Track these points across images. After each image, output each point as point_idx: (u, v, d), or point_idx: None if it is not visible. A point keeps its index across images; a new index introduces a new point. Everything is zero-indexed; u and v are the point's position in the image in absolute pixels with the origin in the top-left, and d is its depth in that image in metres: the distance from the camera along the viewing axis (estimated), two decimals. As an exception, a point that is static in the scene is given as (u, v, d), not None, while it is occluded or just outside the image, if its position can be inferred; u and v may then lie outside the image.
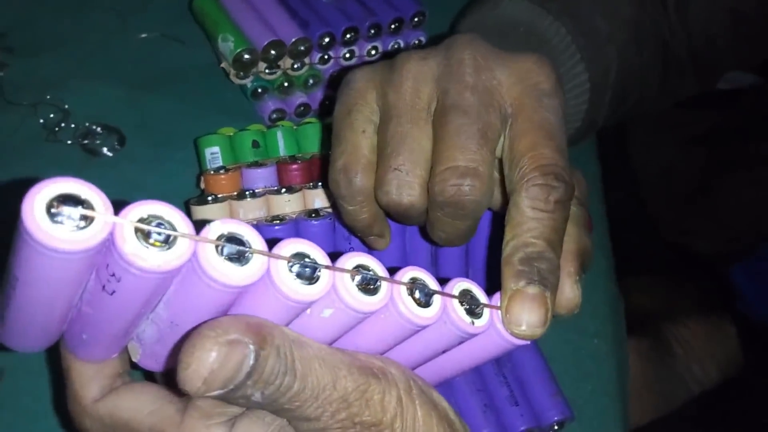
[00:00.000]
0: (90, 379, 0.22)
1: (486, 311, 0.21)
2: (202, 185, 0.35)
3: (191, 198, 0.34)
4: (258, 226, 0.32)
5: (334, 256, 0.19)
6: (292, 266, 0.18)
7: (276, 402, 0.19)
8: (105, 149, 0.42)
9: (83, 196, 0.16)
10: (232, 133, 0.39)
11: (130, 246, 0.16)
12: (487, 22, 0.38)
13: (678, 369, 0.60)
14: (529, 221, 0.24)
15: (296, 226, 0.32)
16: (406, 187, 0.26)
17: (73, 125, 0.43)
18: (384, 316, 0.20)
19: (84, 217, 0.16)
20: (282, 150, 0.38)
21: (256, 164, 0.36)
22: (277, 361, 0.18)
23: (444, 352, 0.22)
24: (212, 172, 0.34)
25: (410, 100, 0.27)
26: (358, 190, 0.27)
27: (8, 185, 0.39)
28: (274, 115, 0.45)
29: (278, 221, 0.32)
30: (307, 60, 0.45)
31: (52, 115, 0.43)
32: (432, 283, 0.21)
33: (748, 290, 0.65)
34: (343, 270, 0.19)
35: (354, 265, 0.19)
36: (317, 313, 0.19)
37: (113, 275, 0.17)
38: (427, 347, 0.22)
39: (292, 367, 0.19)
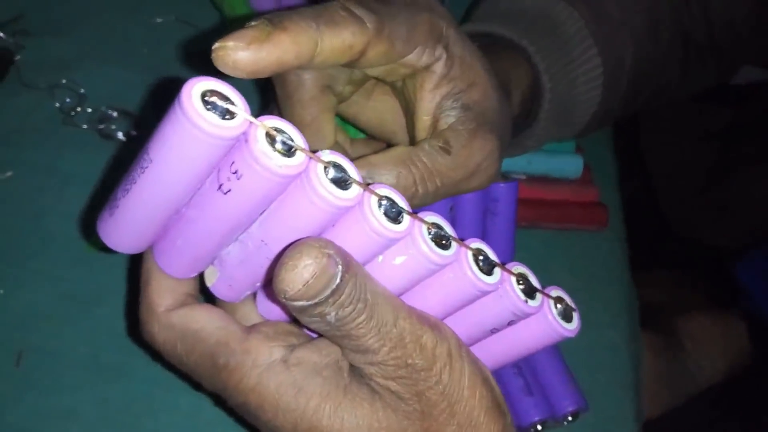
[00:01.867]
0: (167, 290, 0.24)
1: (538, 296, 0.23)
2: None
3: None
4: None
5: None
6: (381, 205, 0.20)
7: (344, 327, 0.20)
8: (120, 134, 0.42)
9: (231, 96, 0.19)
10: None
11: (261, 145, 0.18)
12: (500, 7, 0.38)
13: (688, 364, 0.60)
14: None
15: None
16: None
17: (89, 109, 0.43)
18: (449, 275, 0.21)
19: (228, 112, 0.18)
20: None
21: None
22: (354, 286, 0.20)
23: (493, 331, 0.24)
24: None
25: None
26: None
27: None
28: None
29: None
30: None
31: (68, 99, 0.43)
32: (494, 257, 0.22)
33: (754, 288, 0.64)
34: (423, 221, 0.21)
35: (432, 221, 0.21)
36: (389, 260, 0.21)
37: (235, 173, 0.19)
38: (479, 321, 0.23)
39: (365, 296, 0.20)
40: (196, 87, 0.19)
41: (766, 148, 0.63)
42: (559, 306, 0.24)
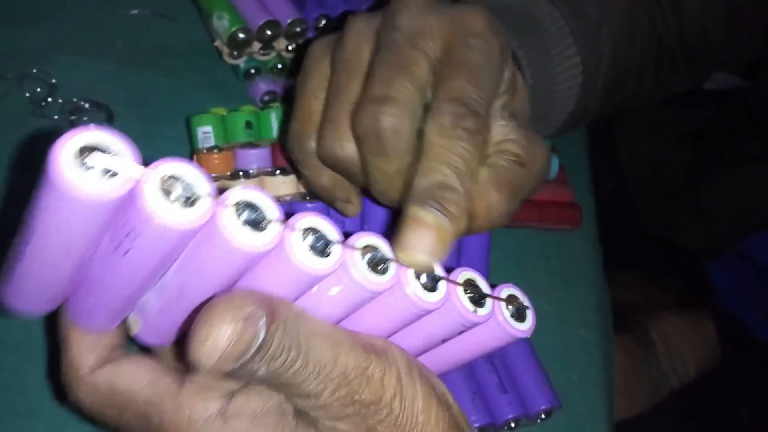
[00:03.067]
0: (88, 349, 0.22)
1: (489, 302, 0.21)
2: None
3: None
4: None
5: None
6: (305, 239, 0.18)
7: (279, 377, 0.19)
8: (93, 126, 0.41)
9: (113, 147, 0.16)
10: (224, 113, 0.39)
11: (153, 201, 0.16)
12: (484, 2, 0.39)
13: (660, 364, 0.61)
14: (435, 148, 0.23)
15: (291, 208, 0.32)
16: (338, 137, 0.25)
17: (60, 100, 0.42)
18: (390, 298, 0.20)
19: (111, 168, 0.16)
20: (275, 132, 0.38)
21: (250, 145, 0.35)
22: (283, 335, 0.18)
23: (444, 341, 0.22)
24: (205, 152, 0.34)
25: (351, 56, 0.27)
26: (310, 153, 0.27)
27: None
28: (266, 97, 0.45)
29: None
30: (301, 41, 0.44)
31: (38, 90, 0.42)
32: (438, 270, 0.21)
33: (726, 289, 0.66)
34: (354, 248, 0.19)
35: (364, 244, 0.19)
36: (324, 290, 0.19)
37: (130, 233, 0.17)
38: (428, 334, 0.22)
39: (297, 342, 0.18)
40: (68, 145, 0.16)
41: (739, 151, 0.65)
42: (510, 307, 0.22)
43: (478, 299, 0.21)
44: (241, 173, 0.33)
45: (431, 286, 0.20)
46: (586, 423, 0.37)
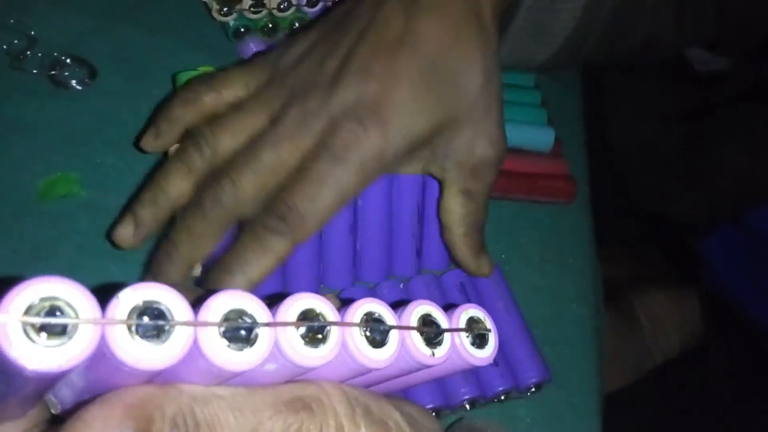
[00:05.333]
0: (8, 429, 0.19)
1: (448, 336, 0.19)
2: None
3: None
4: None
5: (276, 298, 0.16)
6: (224, 331, 0.15)
7: None
8: (74, 81, 0.39)
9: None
10: (212, 71, 0.37)
11: (17, 348, 0.12)
12: None
13: (645, 340, 0.61)
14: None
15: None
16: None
17: (39, 54, 0.40)
18: (335, 362, 0.17)
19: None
20: (267, 92, 0.36)
21: (240, 104, 0.33)
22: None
23: (399, 376, 0.20)
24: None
25: None
26: None
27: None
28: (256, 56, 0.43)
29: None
30: (294, 1, 0.42)
31: (16, 41, 0.40)
32: (388, 315, 0.18)
33: (719, 262, 0.66)
34: (285, 324, 0.16)
35: (298, 313, 0.16)
36: (259, 369, 0.16)
37: (3, 375, 0.14)
38: (380, 377, 0.20)
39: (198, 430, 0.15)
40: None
41: (735, 125, 0.64)
42: (470, 336, 0.20)
43: (434, 337, 0.19)
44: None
45: (381, 339, 0.17)
46: (577, 397, 0.37)
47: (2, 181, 0.34)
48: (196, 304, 0.15)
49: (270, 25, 0.43)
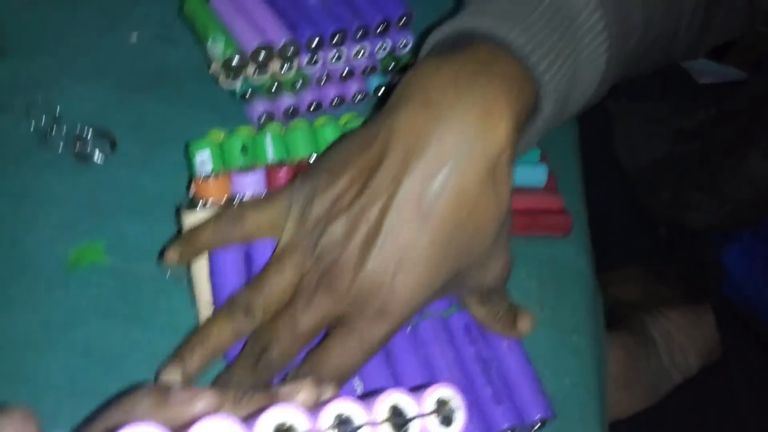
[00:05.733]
0: None
1: (416, 422, 0.22)
2: (193, 190, 0.36)
3: (182, 202, 0.35)
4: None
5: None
6: None
7: None
8: (97, 154, 0.43)
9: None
10: (222, 136, 0.40)
11: None
12: None
13: (662, 360, 0.62)
14: None
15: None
16: None
17: (64, 130, 0.43)
18: None
19: None
20: (270, 154, 0.39)
21: (245, 169, 0.36)
22: None
23: None
24: (202, 178, 0.35)
25: None
26: None
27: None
28: (263, 117, 0.46)
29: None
30: (295, 62, 0.45)
31: (43, 122, 0.44)
32: (359, 413, 0.21)
33: (739, 271, 0.66)
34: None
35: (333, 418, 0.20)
36: None
37: None
38: None
39: None
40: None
41: (754, 132, 0.64)
42: (438, 417, 0.22)
43: (403, 425, 0.21)
44: (236, 198, 0.35)
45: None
46: (579, 428, 0.38)
47: (34, 254, 0.38)
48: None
49: (274, 86, 0.46)
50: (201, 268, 0.34)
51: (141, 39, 0.51)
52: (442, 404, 0.22)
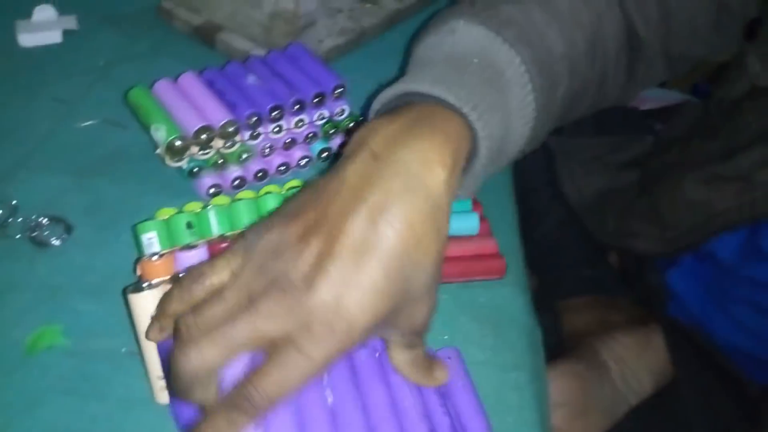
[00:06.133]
0: None
1: None
2: (138, 272, 0.38)
3: (128, 285, 0.37)
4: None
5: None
6: None
7: None
8: (53, 239, 0.46)
9: None
10: (170, 214, 0.43)
11: None
12: (444, 49, 0.40)
13: (615, 384, 0.64)
14: None
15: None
16: None
17: (20, 219, 0.46)
18: None
19: None
20: (215, 229, 0.42)
21: (188, 247, 0.39)
22: None
23: None
24: (147, 259, 0.38)
25: None
26: None
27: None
28: (212, 190, 0.49)
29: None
30: (237, 138, 0.49)
31: (0, 212, 0.46)
32: None
33: (684, 292, 0.68)
34: None
35: None
36: None
37: None
38: None
39: None
40: None
41: (699, 155, 0.67)
42: None
43: None
44: (180, 276, 0.37)
45: None
46: (522, 461, 0.40)
47: (-4, 342, 0.40)
48: None
49: (220, 161, 0.49)
50: (150, 344, 0.36)
51: (94, 124, 0.54)
52: None
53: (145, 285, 0.36)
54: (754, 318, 0.59)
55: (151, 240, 0.41)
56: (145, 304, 0.36)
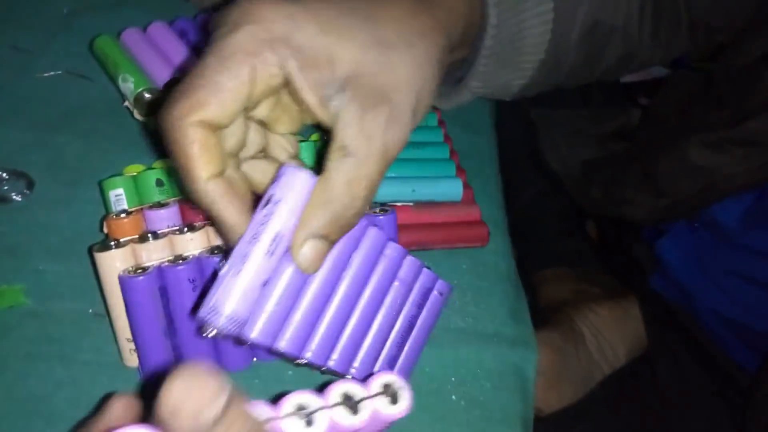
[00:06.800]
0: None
1: (365, 403, 0.26)
2: (105, 230, 0.36)
3: (95, 244, 0.35)
4: (162, 268, 0.34)
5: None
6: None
7: None
8: (14, 194, 0.43)
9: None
10: (137, 172, 0.41)
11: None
12: None
13: (591, 353, 0.64)
14: None
15: (199, 264, 0.34)
16: None
17: (-21, 173, 0.43)
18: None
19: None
20: (187, 186, 0.40)
21: (159, 205, 0.37)
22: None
23: None
24: (114, 216, 0.36)
25: None
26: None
27: None
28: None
29: (181, 260, 0.34)
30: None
31: (-43, 165, 0.43)
32: (314, 401, 0.25)
33: (674, 261, 0.67)
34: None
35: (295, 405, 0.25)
36: None
37: None
38: None
39: None
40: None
41: (693, 125, 0.65)
42: (385, 398, 0.27)
43: (353, 406, 0.26)
44: (150, 235, 0.35)
45: (307, 419, 0.24)
46: (502, 428, 0.40)
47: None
48: None
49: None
50: (118, 305, 0.34)
51: (54, 76, 0.51)
52: (387, 387, 0.27)
53: (112, 243, 0.34)
54: (747, 290, 0.59)
55: (119, 197, 0.39)
56: (112, 263, 0.34)
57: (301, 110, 0.31)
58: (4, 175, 0.44)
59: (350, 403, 0.26)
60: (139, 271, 0.33)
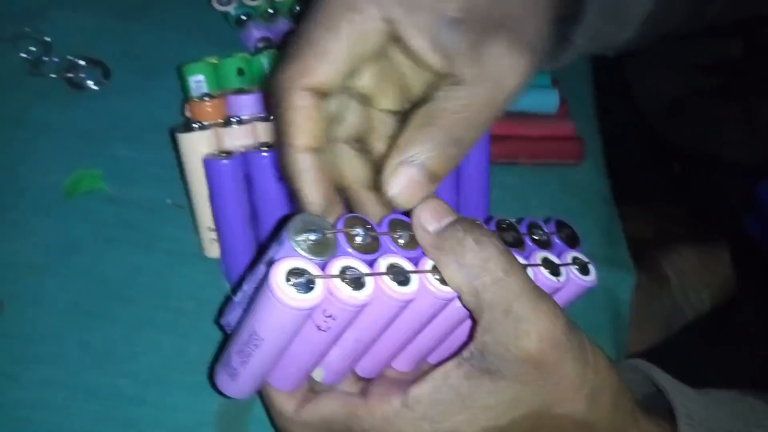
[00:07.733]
0: (288, 398, 0.28)
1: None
2: (188, 113, 0.34)
3: (177, 126, 0.33)
4: (247, 154, 0.32)
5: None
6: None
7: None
8: (90, 82, 0.41)
9: (309, 269, 0.22)
10: (216, 61, 0.38)
11: (344, 294, 0.22)
12: None
13: (674, 297, 0.61)
14: None
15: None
16: None
17: (56, 59, 0.42)
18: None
19: (310, 283, 0.22)
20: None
21: (242, 91, 0.35)
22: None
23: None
24: (197, 99, 0.34)
25: None
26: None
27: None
28: (260, 44, 0.44)
29: (266, 148, 0.32)
30: (294, -16, 0.43)
31: (33, 49, 0.42)
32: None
33: None
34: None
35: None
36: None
37: (330, 316, 0.23)
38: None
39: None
40: (280, 270, 0.22)
41: None
42: (577, 267, 0.28)
43: (554, 269, 0.27)
44: (233, 120, 0.33)
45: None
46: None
47: (30, 181, 0.37)
48: None
49: (270, 11, 0.44)
50: (200, 192, 0.32)
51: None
52: (576, 259, 0.29)
53: (196, 126, 0.32)
54: None
55: (200, 83, 0.36)
56: (196, 146, 0.32)
57: (407, 75, 0.28)
58: (81, 62, 0.42)
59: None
60: (224, 155, 0.31)
